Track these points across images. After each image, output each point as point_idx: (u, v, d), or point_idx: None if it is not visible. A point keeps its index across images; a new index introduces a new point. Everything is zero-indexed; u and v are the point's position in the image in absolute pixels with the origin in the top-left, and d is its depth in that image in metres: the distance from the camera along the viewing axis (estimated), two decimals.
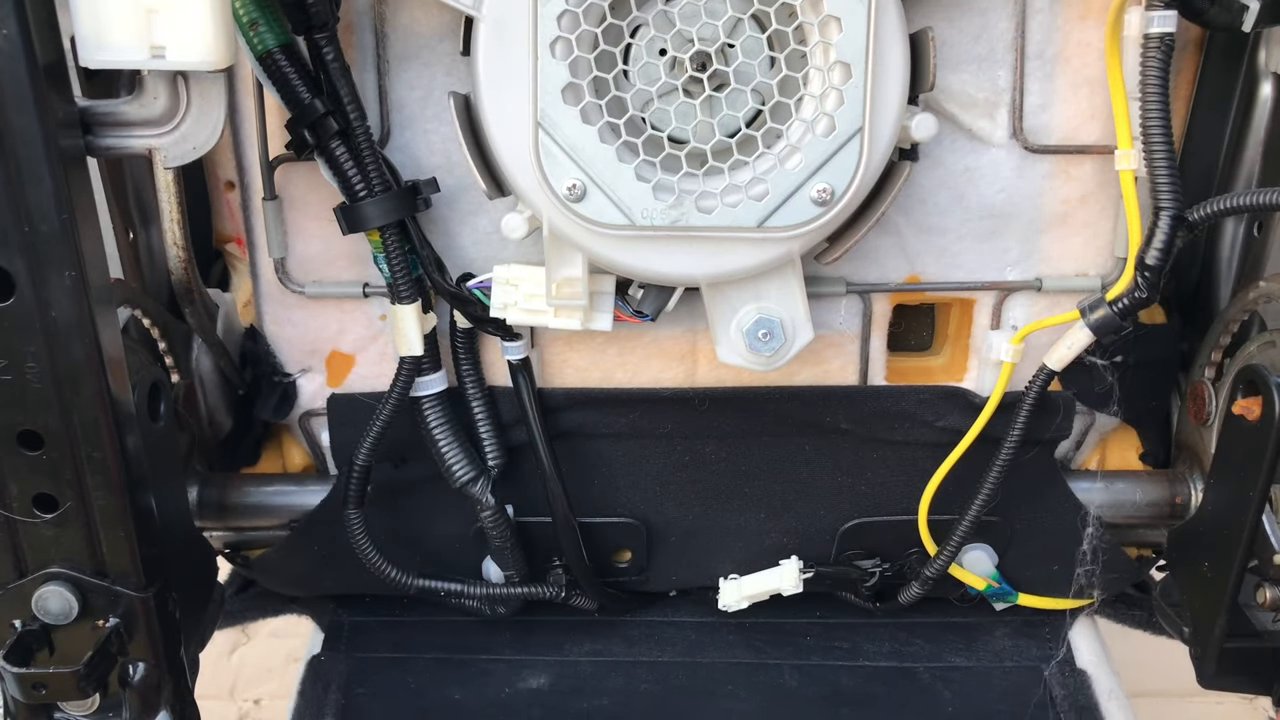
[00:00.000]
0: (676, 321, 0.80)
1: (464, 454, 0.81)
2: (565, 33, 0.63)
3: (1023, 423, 0.79)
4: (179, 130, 0.64)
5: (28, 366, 0.58)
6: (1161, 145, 0.68)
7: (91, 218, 0.59)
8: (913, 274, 0.80)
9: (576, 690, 0.88)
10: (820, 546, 0.89)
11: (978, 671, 0.82)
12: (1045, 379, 0.79)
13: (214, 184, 0.81)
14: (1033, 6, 0.73)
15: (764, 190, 0.66)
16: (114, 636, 0.66)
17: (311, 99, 0.68)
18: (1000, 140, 0.76)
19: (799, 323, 0.73)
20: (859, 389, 0.83)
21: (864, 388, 0.83)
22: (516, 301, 0.74)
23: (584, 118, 0.65)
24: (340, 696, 0.88)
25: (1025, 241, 0.79)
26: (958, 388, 0.83)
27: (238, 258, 0.84)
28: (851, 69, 0.64)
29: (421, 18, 0.73)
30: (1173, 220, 0.69)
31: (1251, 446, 0.74)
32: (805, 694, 0.88)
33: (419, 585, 0.85)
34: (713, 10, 0.64)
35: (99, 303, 0.59)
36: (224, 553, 0.93)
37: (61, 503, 0.62)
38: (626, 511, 0.88)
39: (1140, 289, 0.72)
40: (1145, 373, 0.84)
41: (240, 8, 0.65)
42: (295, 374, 0.84)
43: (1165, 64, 0.67)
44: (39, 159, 0.54)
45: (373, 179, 0.70)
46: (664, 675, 0.90)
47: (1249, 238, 0.84)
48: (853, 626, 0.95)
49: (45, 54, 0.54)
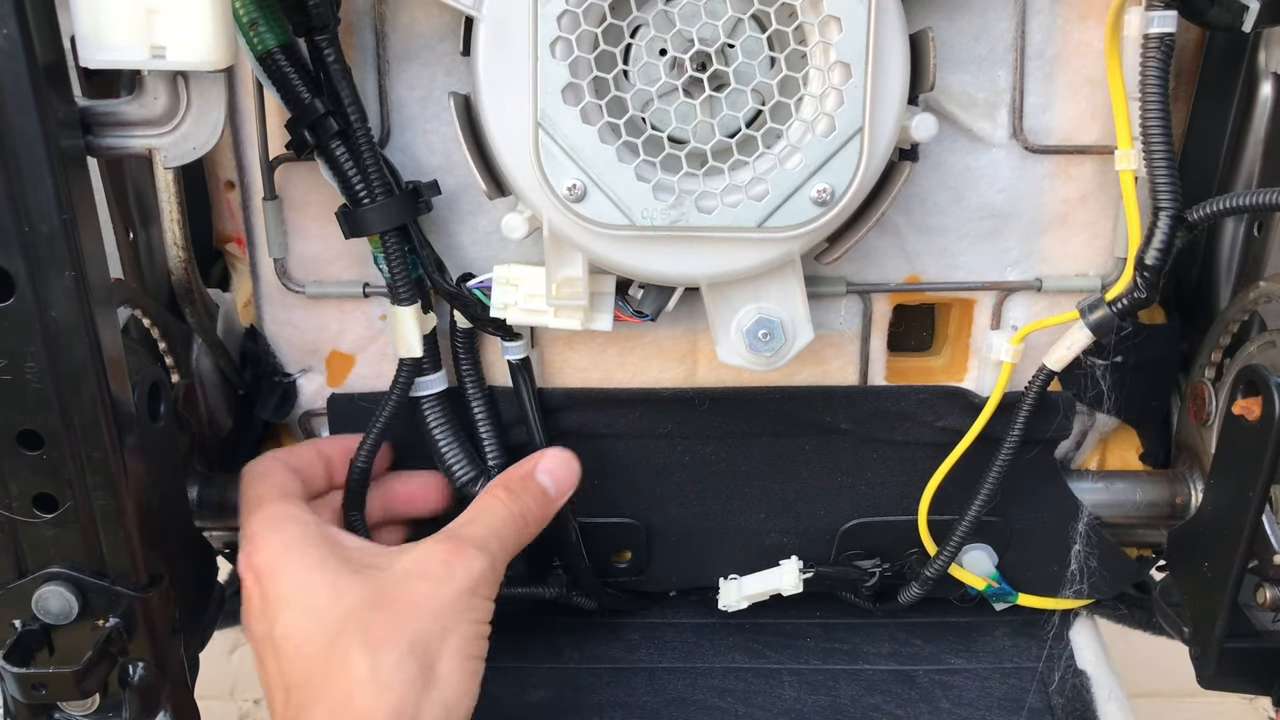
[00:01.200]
0: (676, 322, 0.80)
1: (464, 454, 0.81)
2: (565, 33, 0.63)
3: (1022, 423, 0.80)
4: (179, 130, 0.64)
5: (27, 366, 0.58)
6: (1161, 145, 0.68)
7: (91, 218, 0.59)
8: (913, 274, 0.80)
9: (577, 704, 0.88)
10: (820, 547, 0.89)
11: (978, 674, 0.82)
12: (1045, 379, 0.79)
13: (214, 184, 0.81)
14: (1033, 7, 0.73)
15: (764, 190, 0.66)
16: (114, 636, 0.66)
17: (311, 99, 0.68)
18: (1000, 140, 0.76)
19: (799, 323, 0.73)
20: (859, 389, 0.83)
21: (864, 388, 0.83)
22: (517, 301, 0.74)
23: (584, 118, 0.65)
24: None
25: (1025, 242, 0.79)
26: (958, 388, 0.83)
27: (238, 258, 0.85)
28: (851, 69, 0.64)
29: (421, 18, 0.73)
30: (1172, 220, 0.69)
31: (1251, 447, 0.74)
32: (804, 704, 0.88)
33: None
34: (713, 10, 0.64)
35: (99, 303, 0.59)
36: (224, 553, 0.92)
37: (61, 503, 0.62)
38: (627, 512, 0.88)
39: (1139, 289, 0.72)
40: (1145, 373, 0.84)
41: (240, 8, 0.65)
42: (295, 374, 0.84)
43: (1165, 64, 0.67)
44: (39, 159, 0.54)
45: (373, 181, 0.70)
46: (662, 686, 0.90)
47: (1249, 238, 0.84)
48: (852, 627, 0.95)
49: (45, 54, 0.54)
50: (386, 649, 0.64)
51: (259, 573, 0.68)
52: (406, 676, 0.64)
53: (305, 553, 0.68)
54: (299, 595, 0.67)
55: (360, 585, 0.67)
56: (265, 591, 0.68)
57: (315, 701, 0.64)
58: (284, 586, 0.67)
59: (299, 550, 0.68)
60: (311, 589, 0.67)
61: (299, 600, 0.67)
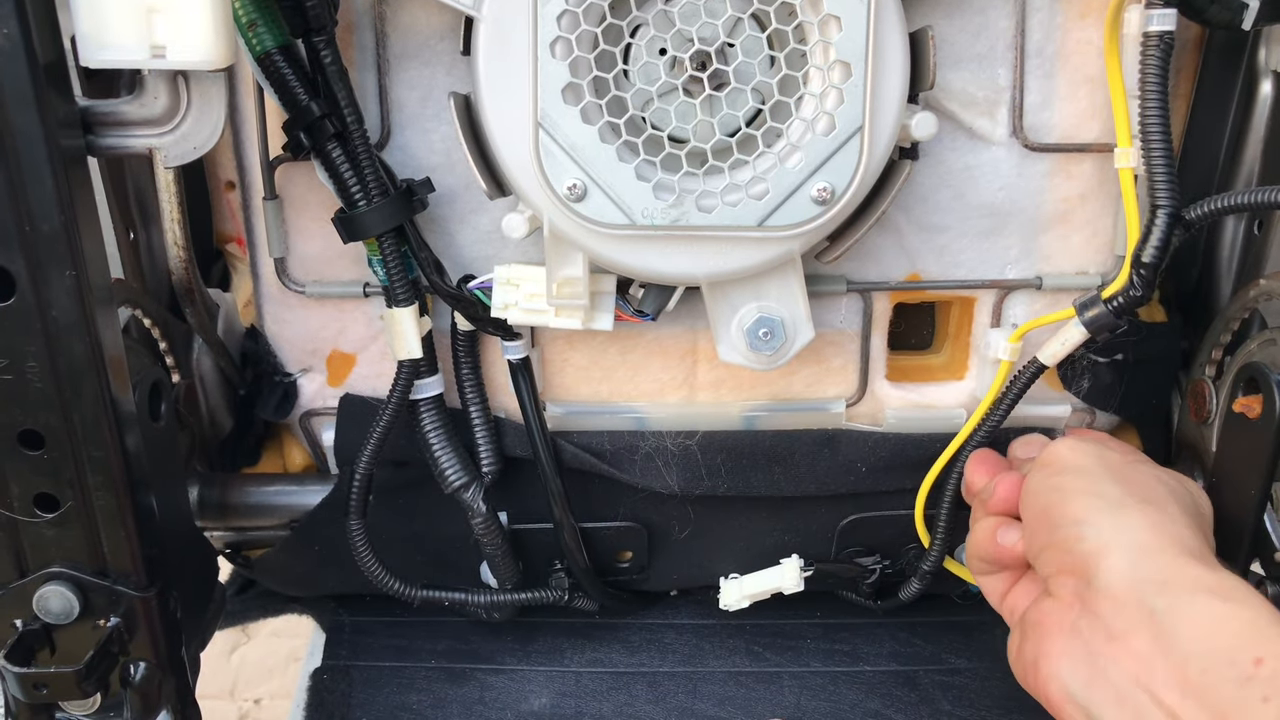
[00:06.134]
0: (677, 321, 0.80)
1: (457, 458, 0.81)
2: (565, 33, 0.63)
3: (1004, 410, 0.79)
4: (179, 130, 0.64)
5: (28, 366, 0.58)
6: (1159, 143, 0.68)
7: (92, 217, 0.59)
8: (913, 272, 0.80)
9: (577, 714, 0.88)
10: (820, 544, 0.89)
11: (979, 673, 0.82)
12: (1034, 373, 0.79)
13: (214, 184, 0.81)
14: (1032, 4, 0.73)
15: (764, 189, 0.66)
16: (115, 636, 0.66)
17: (308, 101, 0.68)
18: (1000, 138, 0.76)
19: (800, 322, 0.73)
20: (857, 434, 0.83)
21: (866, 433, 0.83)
22: (518, 301, 0.74)
23: (584, 117, 0.65)
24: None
25: (1025, 240, 0.79)
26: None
27: (238, 257, 0.85)
28: (851, 68, 0.64)
29: (422, 17, 0.73)
30: (1169, 218, 0.69)
31: (1252, 444, 0.74)
32: (805, 710, 0.87)
33: (423, 596, 0.85)
34: (713, 10, 0.64)
35: (99, 302, 0.59)
36: (225, 553, 0.93)
37: (62, 502, 0.62)
38: (628, 514, 0.88)
39: (1135, 286, 0.72)
40: (1145, 371, 0.84)
41: (240, 8, 0.65)
42: (296, 374, 0.84)
43: (1165, 62, 0.67)
44: (39, 159, 0.54)
45: (369, 183, 0.70)
46: (663, 694, 0.90)
47: (1249, 236, 0.84)
48: (853, 627, 0.95)
49: (46, 53, 0.54)
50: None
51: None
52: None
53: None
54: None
55: None
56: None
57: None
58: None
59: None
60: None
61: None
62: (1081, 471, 0.69)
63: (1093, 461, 0.69)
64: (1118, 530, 0.64)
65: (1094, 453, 0.70)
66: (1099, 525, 0.64)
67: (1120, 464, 0.69)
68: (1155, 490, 0.67)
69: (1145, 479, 0.68)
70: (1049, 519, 0.68)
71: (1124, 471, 0.68)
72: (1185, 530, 0.64)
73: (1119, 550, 0.62)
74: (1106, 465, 0.69)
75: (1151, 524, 0.64)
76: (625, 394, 0.84)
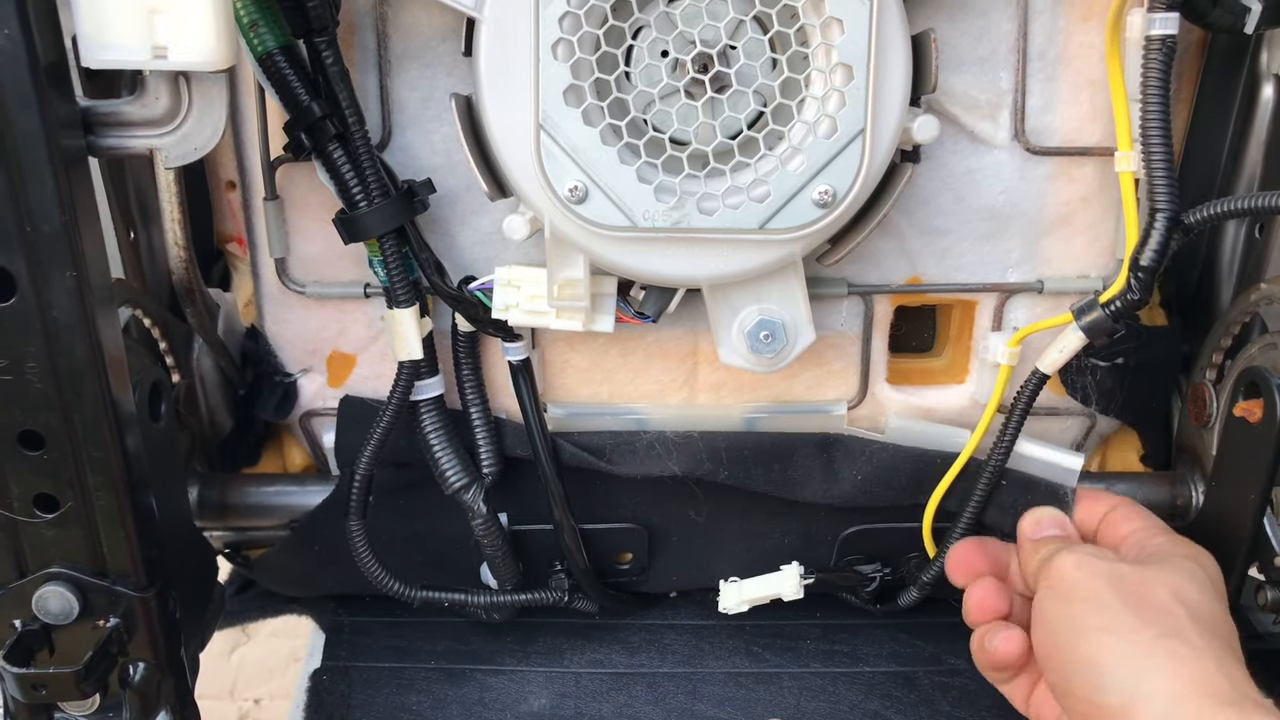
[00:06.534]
0: (678, 323, 0.80)
1: (458, 459, 0.81)
2: (567, 34, 0.63)
3: (1014, 428, 0.79)
4: (181, 130, 0.63)
5: (28, 366, 0.58)
6: (1159, 147, 0.68)
7: (92, 218, 0.59)
8: (914, 275, 0.80)
9: (577, 714, 0.88)
10: (820, 549, 0.89)
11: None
12: (1037, 384, 0.78)
13: (215, 184, 0.81)
14: (1035, 8, 0.73)
15: (766, 192, 0.66)
16: (114, 636, 0.66)
17: (310, 102, 0.68)
18: (1002, 142, 0.76)
19: (801, 324, 0.73)
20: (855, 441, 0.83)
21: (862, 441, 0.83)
22: (518, 303, 0.74)
23: (586, 119, 0.65)
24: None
25: (1027, 243, 0.79)
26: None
27: (239, 257, 0.85)
28: (853, 71, 0.64)
29: (423, 19, 0.73)
30: (1168, 222, 0.69)
31: (1253, 448, 0.74)
32: (804, 712, 0.87)
33: (423, 597, 0.85)
34: (715, 12, 0.64)
35: (100, 303, 0.59)
36: (224, 553, 0.93)
37: (62, 503, 0.62)
38: (628, 515, 0.88)
39: (1133, 290, 0.72)
40: (1146, 375, 0.84)
41: (241, 8, 0.65)
42: (296, 374, 0.84)
43: (1166, 66, 0.67)
44: (40, 159, 0.54)
45: (370, 184, 0.70)
46: (662, 695, 0.89)
47: (1250, 240, 0.84)
48: (852, 628, 0.95)
49: (46, 54, 0.54)
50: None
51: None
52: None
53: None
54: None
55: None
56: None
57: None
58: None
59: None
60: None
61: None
62: (1091, 600, 0.66)
63: (1103, 585, 0.67)
64: (1140, 679, 0.62)
65: (1104, 573, 0.67)
66: (1118, 675, 0.62)
67: (1134, 584, 0.66)
68: (1173, 614, 0.64)
69: (1160, 598, 0.65)
70: (1061, 657, 0.66)
71: (1138, 592, 0.66)
72: (1209, 664, 0.61)
73: (1144, 707, 0.61)
74: (1119, 589, 0.66)
75: (1175, 667, 0.61)
76: (626, 395, 0.84)
